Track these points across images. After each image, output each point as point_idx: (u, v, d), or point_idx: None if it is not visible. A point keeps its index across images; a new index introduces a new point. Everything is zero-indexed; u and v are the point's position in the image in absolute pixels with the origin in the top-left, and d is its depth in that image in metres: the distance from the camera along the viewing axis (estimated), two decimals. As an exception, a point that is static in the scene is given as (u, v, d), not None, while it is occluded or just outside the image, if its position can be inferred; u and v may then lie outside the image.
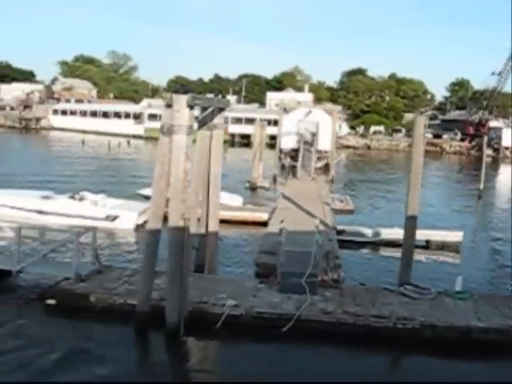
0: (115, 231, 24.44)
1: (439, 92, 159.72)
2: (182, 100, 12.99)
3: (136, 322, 14.00)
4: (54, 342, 13.09)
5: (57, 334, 13.71)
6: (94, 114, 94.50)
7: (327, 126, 49.76)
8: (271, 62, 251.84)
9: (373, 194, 41.73)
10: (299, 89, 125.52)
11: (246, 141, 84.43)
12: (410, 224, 17.35)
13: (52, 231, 18.96)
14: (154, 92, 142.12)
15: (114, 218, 24.57)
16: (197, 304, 14.30)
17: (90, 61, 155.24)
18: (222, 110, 16.83)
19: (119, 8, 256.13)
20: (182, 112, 12.98)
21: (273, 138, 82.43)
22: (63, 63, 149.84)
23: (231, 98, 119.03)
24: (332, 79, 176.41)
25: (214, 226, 17.09)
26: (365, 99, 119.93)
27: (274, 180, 42.84)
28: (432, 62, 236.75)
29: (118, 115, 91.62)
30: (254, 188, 38.75)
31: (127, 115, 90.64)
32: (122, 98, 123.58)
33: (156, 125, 78.91)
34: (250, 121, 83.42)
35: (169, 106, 13.26)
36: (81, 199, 25.75)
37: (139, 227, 24.89)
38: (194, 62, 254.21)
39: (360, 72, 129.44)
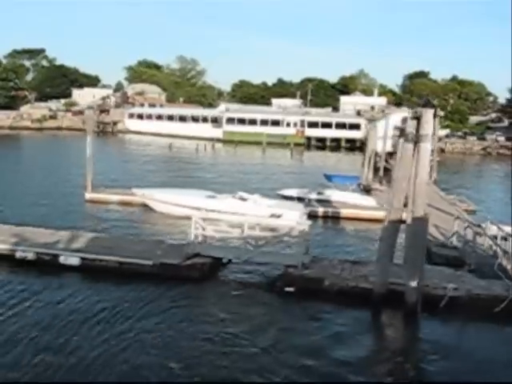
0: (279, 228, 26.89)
1: (502, 94, 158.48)
2: (429, 113, 15.45)
3: (373, 303, 16.44)
4: (301, 320, 15.79)
5: (299, 313, 16.34)
6: (170, 117, 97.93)
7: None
8: (331, 65, 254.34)
9: (478, 195, 43.35)
10: (364, 92, 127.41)
11: (321, 144, 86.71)
12: None
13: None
14: (219, 96, 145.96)
15: (278, 217, 26.98)
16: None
17: (153, 65, 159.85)
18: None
19: (182, 12, 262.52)
20: (429, 123, 15.44)
21: (350, 141, 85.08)
22: (129, 68, 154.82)
23: (297, 101, 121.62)
24: (391, 82, 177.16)
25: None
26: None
27: (380, 182, 44.81)
28: (492, 64, 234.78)
29: (195, 119, 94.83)
30: (367, 190, 40.77)
31: (205, 119, 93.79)
32: (191, 102, 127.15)
33: (234, 128, 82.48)
34: (326, 125, 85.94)
35: (415, 118, 15.70)
36: (242, 199, 28.35)
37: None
38: (257, 67, 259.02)
39: (423, 75, 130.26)
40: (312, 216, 29.60)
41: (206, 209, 27.65)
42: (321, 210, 30.12)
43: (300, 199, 31.76)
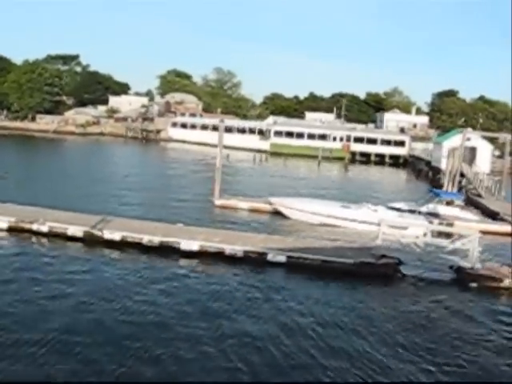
0: (405, 237, 30.52)
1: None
2: None
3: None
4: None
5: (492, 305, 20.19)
6: (215, 128, 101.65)
7: (485, 152, 55.38)
8: (357, 80, 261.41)
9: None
10: (398, 109, 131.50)
11: (364, 159, 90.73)
12: None
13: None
14: (251, 107, 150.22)
15: (406, 227, 30.70)
16: None
17: (183, 75, 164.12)
18: None
19: (210, 26, 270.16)
20: None
21: (393, 157, 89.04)
22: (162, 77, 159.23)
23: (332, 116, 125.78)
24: (418, 99, 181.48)
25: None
26: (457, 120, 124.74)
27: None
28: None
29: (240, 130, 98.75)
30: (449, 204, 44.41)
31: (251, 130, 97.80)
32: (227, 113, 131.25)
33: (281, 141, 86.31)
34: (372, 141, 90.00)
35: None
36: (373, 210, 32.16)
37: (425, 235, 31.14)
38: (289, 81, 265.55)
39: (451, 94, 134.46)
40: (429, 227, 33.53)
41: (342, 217, 31.74)
42: (436, 221, 33.80)
43: (411, 211, 35.39)
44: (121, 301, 17.69)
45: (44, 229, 25.44)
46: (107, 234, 24.80)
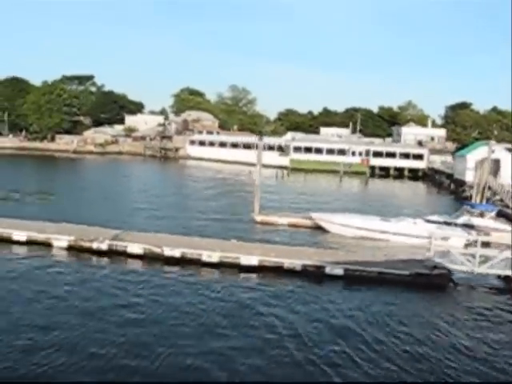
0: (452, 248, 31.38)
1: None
2: None
3: None
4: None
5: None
6: (234, 145, 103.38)
7: (509, 163, 56.39)
8: (368, 94, 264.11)
9: None
10: (413, 122, 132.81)
11: (383, 172, 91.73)
12: None
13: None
14: (266, 124, 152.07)
15: (447, 238, 31.74)
16: None
17: (196, 93, 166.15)
18: None
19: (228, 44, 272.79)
20: None
21: (412, 170, 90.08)
22: (177, 96, 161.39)
23: (347, 130, 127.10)
24: (432, 112, 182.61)
25: None
26: (472, 132, 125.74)
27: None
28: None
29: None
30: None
31: (270, 147, 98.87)
32: (243, 129, 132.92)
33: (301, 156, 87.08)
34: (390, 154, 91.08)
35: None
36: (413, 223, 33.22)
37: (467, 246, 32.08)
38: (302, 96, 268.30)
39: (465, 106, 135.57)
40: (467, 238, 34.51)
41: (384, 231, 32.80)
42: (473, 232, 34.76)
43: (448, 223, 36.39)
44: (215, 318, 18.53)
45: (103, 247, 26.46)
46: (167, 251, 25.81)
